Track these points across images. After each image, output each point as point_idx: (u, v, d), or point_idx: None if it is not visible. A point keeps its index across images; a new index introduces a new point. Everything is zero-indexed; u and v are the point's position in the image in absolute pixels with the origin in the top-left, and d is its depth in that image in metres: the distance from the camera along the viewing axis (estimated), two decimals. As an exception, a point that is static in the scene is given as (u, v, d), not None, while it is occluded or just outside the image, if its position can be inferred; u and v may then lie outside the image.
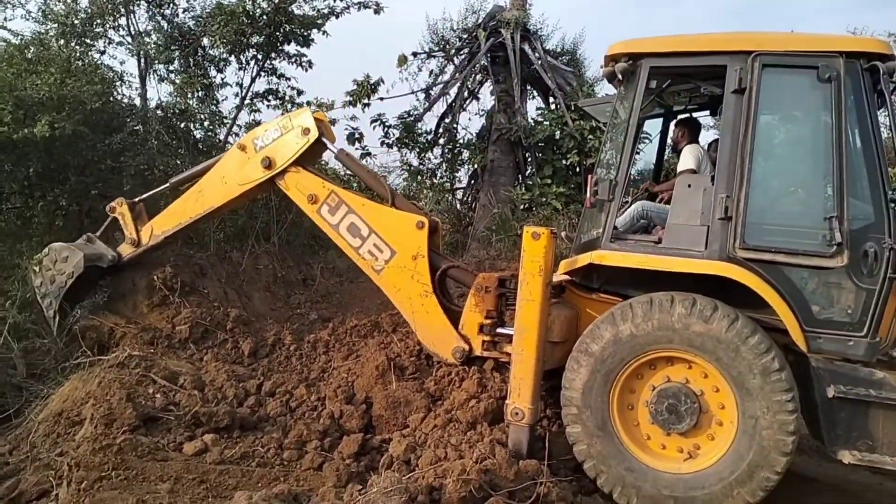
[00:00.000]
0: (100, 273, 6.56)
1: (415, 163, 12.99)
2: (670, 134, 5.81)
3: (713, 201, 4.31)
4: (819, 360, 4.17)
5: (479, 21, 12.84)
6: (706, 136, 5.78)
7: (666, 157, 6.47)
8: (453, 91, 12.95)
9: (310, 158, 6.07)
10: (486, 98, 13.33)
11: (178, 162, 8.60)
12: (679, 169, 5.08)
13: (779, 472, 3.99)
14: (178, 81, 10.09)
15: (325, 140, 5.95)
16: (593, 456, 4.36)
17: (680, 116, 5.85)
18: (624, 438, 4.35)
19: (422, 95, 13.04)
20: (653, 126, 6.25)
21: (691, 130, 5.57)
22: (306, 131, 5.84)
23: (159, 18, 10.72)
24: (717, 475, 4.10)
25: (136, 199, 6.65)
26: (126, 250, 6.54)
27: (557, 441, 4.76)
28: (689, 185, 4.57)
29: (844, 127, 4.12)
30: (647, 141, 7.97)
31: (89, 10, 9.90)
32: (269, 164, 5.86)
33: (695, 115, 5.78)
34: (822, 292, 4.17)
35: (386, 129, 12.46)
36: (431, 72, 13.41)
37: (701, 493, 4.11)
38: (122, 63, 10.40)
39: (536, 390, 4.53)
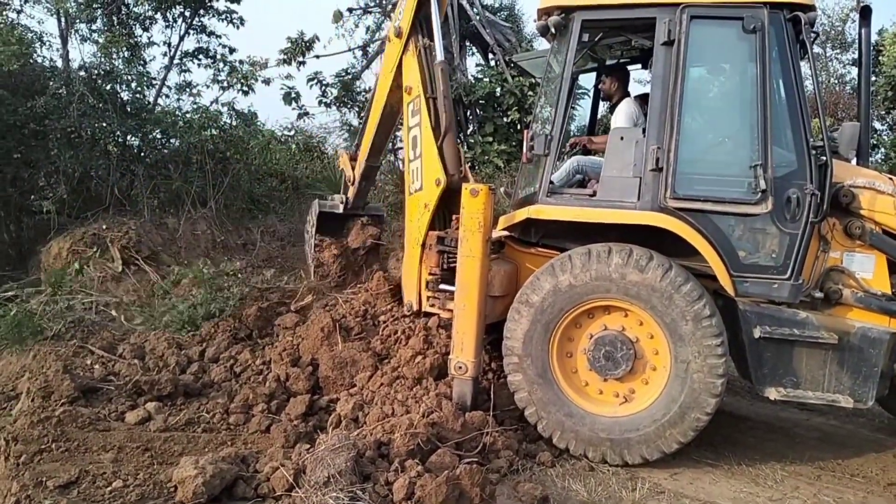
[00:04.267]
0: (342, 218, 6.98)
1: (355, 122, 12.80)
2: (601, 85, 5.84)
3: (645, 153, 4.40)
4: (746, 303, 4.36)
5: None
6: (639, 90, 5.83)
7: (601, 110, 6.55)
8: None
9: (429, 11, 5.76)
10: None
11: (105, 124, 8.26)
12: (613, 125, 5.15)
13: (708, 412, 4.19)
14: (101, 41, 9.62)
15: None
16: (534, 403, 4.49)
17: (609, 66, 5.89)
18: (563, 385, 4.49)
19: (359, 53, 12.82)
20: (588, 80, 6.32)
21: (622, 80, 5.61)
22: None
23: (78, -24, 10.15)
24: (650, 417, 4.29)
25: (354, 145, 7.02)
26: (350, 192, 6.92)
27: (502, 393, 4.88)
28: (622, 139, 4.65)
29: (769, 77, 4.23)
30: (583, 96, 8.05)
31: (1, -34, 9.32)
32: (398, 32, 5.81)
33: (627, 67, 5.83)
34: (749, 238, 4.33)
35: (324, 87, 12.23)
36: (368, 28, 13.18)
37: (635, 434, 4.30)
38: (40, 23, 9.85)
39: (479, 344, 4.61)
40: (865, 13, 4.97)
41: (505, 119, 11.66)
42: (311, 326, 5.68)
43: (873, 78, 14.83)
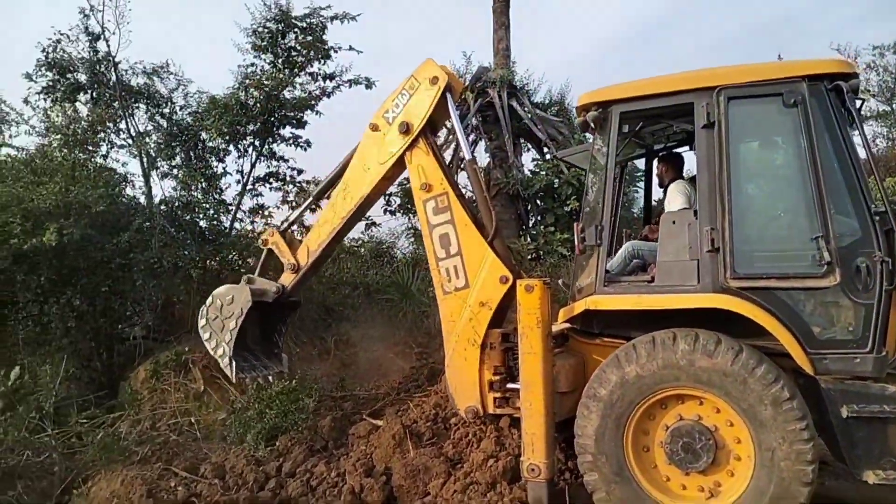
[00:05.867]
0: (265, 312, 6.64)
1: (419, 226, 13.15)
2: (654, 171, 5.88)
3: (699, 235, 4.35)
4: (828, 381, 4.12)
5: (467, 84, 13.19)
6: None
7: (655, 196, 6.55)
8: (448, 153, 13.21)
9: (441, 114, 5.87)
10: (482, 156, 13.59)
11: (185, 252, 8.80)
12: (667, 209, 5.13)
13: (802, 502, 3.91)
14: (180, 176, 10.42)
15: (452, 88, 5.76)
16: (613, 503, 4.29)
17: (660, 154, 5.93)
18: (642, 482, 4.30)
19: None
20: (642, 163, 6.36)
21: (674, 165, 5.63)
22: (434, 80, 5.67)
23: (158, 118, 11.15)
24: (740, 511, 4.03)
25: (283, 225, 6.79)
26: (288, 278, 6.54)
27: (580, 494, 4.71)
28: (674, 222, 4.63)
29: (817, 147, 4.18)
30: (641, 179, 8.08)
31: (90, 118, 10.34)
32: (406, 128, 5.69)
33: (676, 151, 5.86)
34: (821, 312, 4.15)
35: (387, 197, 12.69)
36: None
37: (726, 531, 4.03)
38: (124, 165, 10.77)
39: (550, 444, 4.51)
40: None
41: (565, 208, 11.77)
42: (383, 434, 5.69)
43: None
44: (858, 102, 4.37)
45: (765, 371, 4.03)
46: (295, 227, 7.23)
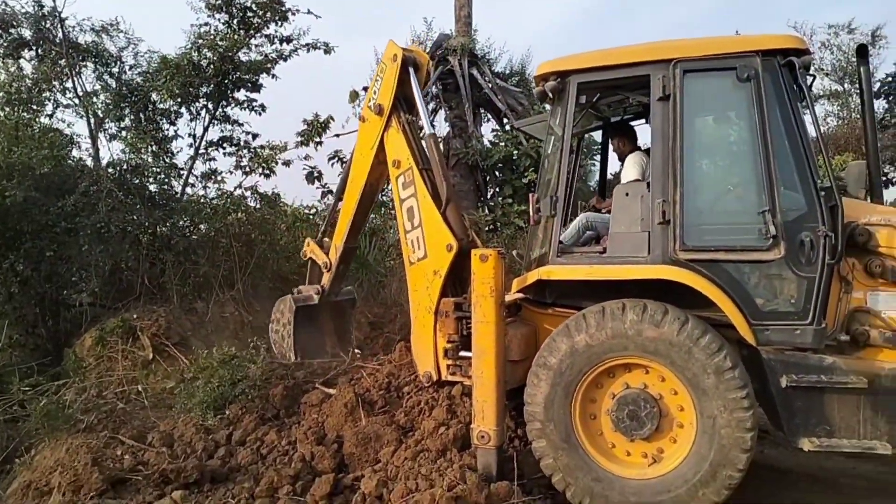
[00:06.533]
0: (317, 312, 7.20)
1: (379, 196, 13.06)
2: (611, 144, 5.91)
3: (651, 207, 4.39)
4: (769, 351, 4.24)
5: (427, 51, 13.02)
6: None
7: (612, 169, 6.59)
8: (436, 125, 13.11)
9: (410, 90, 6.00)
10: (442, 125, 13.50)
11: (134, 217, 8.58)
12: (623, 180, 5.17)
13: (741, 469, 4.02)
14: (129, 138, 10.10)
15: (418, 63, 5.97)
16: (560, 469, 4.37)
17: (615, 125, 5.96)
18: (589, 449, 4.37)
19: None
20: (600, 136, 6.38)
21: (630, 136, 5.67)
22: (395, 58, 5.89)
23: (107, 78, 10.77)
24: (681, 477, 4.13)
25: (318, 236, 7.31)
26: (325, 278, 7.08)
27: (528, 460, 4.77)
28: (627, 194, 4.66)
29: (768, 123, 4.23)
30: (595, 154, 8.12)
31: (34, 76, 9.92)
32: (380, 109, 5.95)
33: (631, 123, 5.89)
34: (765, 285, 4.24)
35: (344, 164, 12.53)
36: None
37: (667, 496, 4.13)
38: (70, 125, 10.40)
39: (501, 411, 4.54)
40: (862, 52, 4.98)
41: (523, 180, 11.81)
42: (335, 402, 5.67)
43: (895, 109, 14.72)
44: (809, 79, 4.43)
45: (709, 341, 4.11)
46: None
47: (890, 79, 14.95)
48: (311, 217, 11.45)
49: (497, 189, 12.47)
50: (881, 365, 4.15)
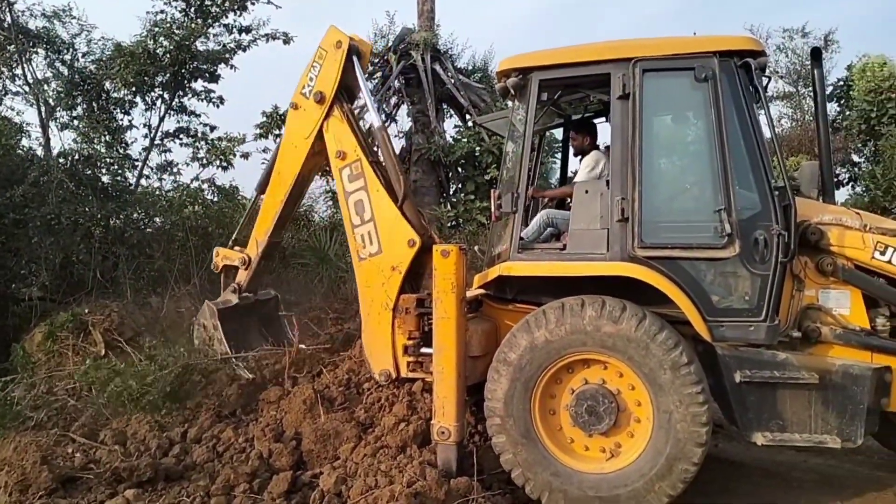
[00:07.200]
0: (239, 313, 6.75)
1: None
2: (571, 141, 5.93)
3: (610, 204, 4.43)
4: (724, 347, 4.32)
5: (389, 45, 12.97)
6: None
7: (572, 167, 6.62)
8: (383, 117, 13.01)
9: (352, 80, 5.85)
10: (404, 120, 13.46)
11: (86, 209, 8.34)
12: (577, 178, 5.21)
13: (696, 462, 4.10)
14: (81, 127, 9.82)
15: (360, 51, 5.80)
16: (520, 464, 4.39)
17: (576, 122, 5.99)
18: (548, 444, 4.40)
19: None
20: (560, 133, 6.41)
21: (590, 134, 5.69)
22: (339, 44, 5.68)
23: (58, 65, 10.44)
24: (638, 471, 4.19)
25: (230, 243, 6.99)
26: (241, 276, 6.68)
27: (488, 456, 4.78)
28: (587, 191, 4.70)
29: (725, 123, 4.30)
30: (558, 150, 8.17)
31: (-20, 62, 9.58)
32: (321, 98, 5.70)
33: (592, 121, 5.92)
34: (720, 282, 4.32)
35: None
36: (345, 98, 13.43)
37: (624, 490, 4.19)
38: (19, 114, 10.05)
39: (461, 407, 4.54)
40: (816, 55, 5.11)
41: (485, 177, 11.84)
42: (294, 399, 5.60)
43: (846, 112, 15.16)
44: (765, 80, 4.52)
45: (665, 337, 4.17)
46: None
47: (842, 82, 15.37)
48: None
49: (459, 185, 12.48)
50: (832, 361, 4.26)
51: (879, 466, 5.51)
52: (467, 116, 12.85)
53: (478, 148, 12.00)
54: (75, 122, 10.18)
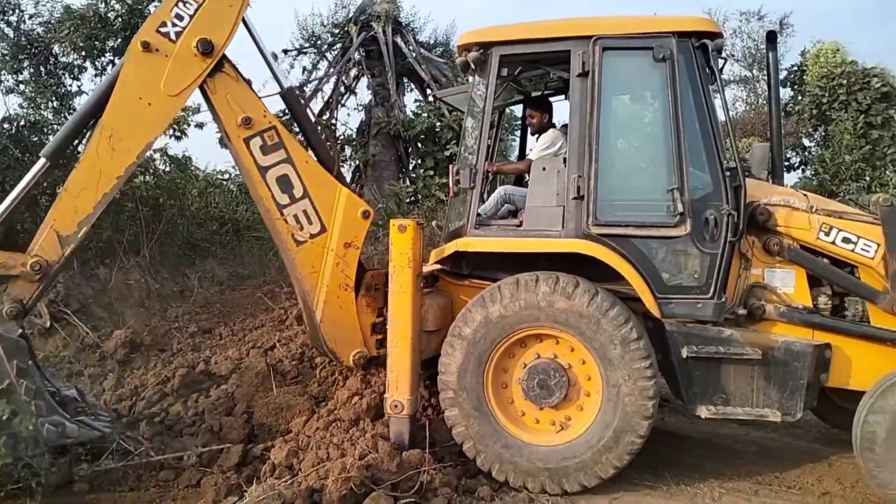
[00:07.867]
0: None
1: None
2: (528, 118, 5.92)
3: (566, 182, 4.46)
4: (673, 323, 4.42)
5: (350, 16, 12.78)
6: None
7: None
8: (328, 87, 12.84)
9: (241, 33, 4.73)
10: (364, 93, 13.30)
11: (32, 177, 8.03)
12: (534, 155, 5.21)
13: (642, 435, 4.21)
14: (28, 92, 9.44)
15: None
16: (471, 437, 4.44)
17: (533, 99, 5.98)
18: (499, 417, 4.46)
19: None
20: (520, 110, 6.39)
21: (547, 111, 5.68)
22: None
23: (3, 26, 9.99)
24: (586, 443, 4.28)
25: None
26: (24, 291, 4.47)
27: (440, 429, 4.81)
28: (544, 168, 4.73)
29: (681, 103, 4.35)
30: (516, 129, 8.17)
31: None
32: (209, 47, 4.47)
33: (551, 99, 5.93)
34: (671, 260, 4.40)
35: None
36: (304, 69, 13.24)
37: (573, 462, 4.28)
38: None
39: (414, 381, 4.56)
40: (771, 38, 5.21)
41: (445, 153, 11.80)
42: (246, 373, 5.55)
43: (799, 97, 15.53)
44: (721, 62, 4.58)
45: (617, 313, 4.25)
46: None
47: (796, 68, 15.71)
48: (224, 182, 11.07)
49: (419, 161, 12.43)
50: (775, 338, 4.40)
51: (816, 440, 5.74)
52: (428, 91, 12.76)
53: (438, 123, 11.95)
54: (21, 87, 9.79)
